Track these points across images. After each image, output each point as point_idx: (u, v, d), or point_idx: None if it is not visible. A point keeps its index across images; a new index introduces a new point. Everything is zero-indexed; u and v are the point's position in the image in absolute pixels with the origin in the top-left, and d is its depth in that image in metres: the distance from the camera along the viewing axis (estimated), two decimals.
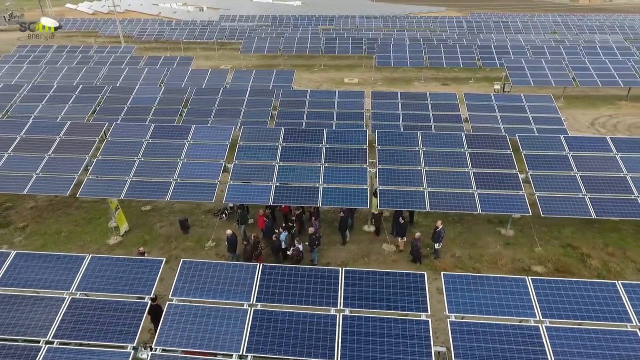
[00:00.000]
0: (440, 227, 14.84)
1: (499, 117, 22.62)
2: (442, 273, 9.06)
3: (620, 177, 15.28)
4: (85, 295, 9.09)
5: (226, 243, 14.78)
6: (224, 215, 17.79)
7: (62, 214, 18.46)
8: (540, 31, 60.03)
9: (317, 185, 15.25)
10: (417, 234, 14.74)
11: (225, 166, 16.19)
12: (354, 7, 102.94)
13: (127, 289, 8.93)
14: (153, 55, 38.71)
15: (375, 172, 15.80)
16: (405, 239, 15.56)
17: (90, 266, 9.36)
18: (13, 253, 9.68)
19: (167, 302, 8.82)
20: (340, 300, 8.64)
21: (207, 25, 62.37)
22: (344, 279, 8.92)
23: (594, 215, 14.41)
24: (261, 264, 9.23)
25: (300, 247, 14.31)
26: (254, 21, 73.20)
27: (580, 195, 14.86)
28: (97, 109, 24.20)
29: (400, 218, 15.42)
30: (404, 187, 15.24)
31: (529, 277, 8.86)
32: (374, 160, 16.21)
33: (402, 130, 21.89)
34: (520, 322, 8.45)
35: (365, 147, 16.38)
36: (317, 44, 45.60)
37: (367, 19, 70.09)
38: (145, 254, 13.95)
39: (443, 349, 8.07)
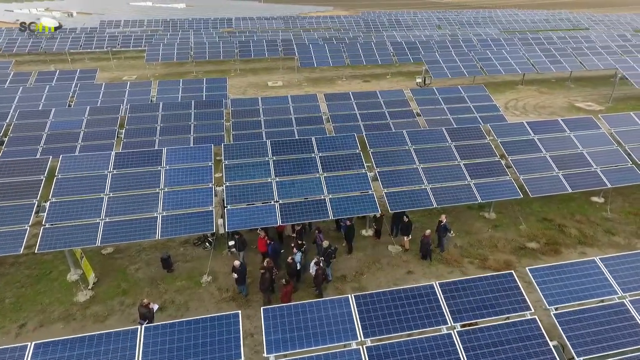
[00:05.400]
0: (445, 220, 15.19)
1: (445, 109, 24.03)
2: (527, 268, 9.21)
3: (578, 153, 17.32)
4: None
5: (235, 275, 13.22)
6: (207, 243, 15.91)
7: None
8: (427, 27, 65.76)
9: (322, 198, 14.48)
10: (427, 231, 14.87)
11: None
12: (243, 9, 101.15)
13: (208, 358, 7.27)
14: (44, 71, 33.12)
15: (375, 174, 15.56)
16: (410, 237, 15.61)
17: (147, 340, 7.41)
18: (31, 345, 7.20)
19: None
20: (448, 317, 8.22)
21: (91, 32, 55.38)
22: (442, 293, 8.50)
23: (570, 190, 16.10)
24: (353, 295, 8.30)
25: (321, 264, 13.43)
26: (142, 26, 67.20)
27: (554, 173, 16.49)
28: (5, 140, 19.76)
29: (404, 217, 15.43)
30: (407, 187, 15.29)
31: (598, 257, 9.49)
32: (370, 164, 15.95)
33: (363, 130, 21.94)
34: (602, 301, 8.99)
35: (358, 151, 16.02)
36: (230, 48, 43.55)
37: (267, 21, 69.19)
38: (150, 305, 11.75)
39: (555, 343, 8.20)
